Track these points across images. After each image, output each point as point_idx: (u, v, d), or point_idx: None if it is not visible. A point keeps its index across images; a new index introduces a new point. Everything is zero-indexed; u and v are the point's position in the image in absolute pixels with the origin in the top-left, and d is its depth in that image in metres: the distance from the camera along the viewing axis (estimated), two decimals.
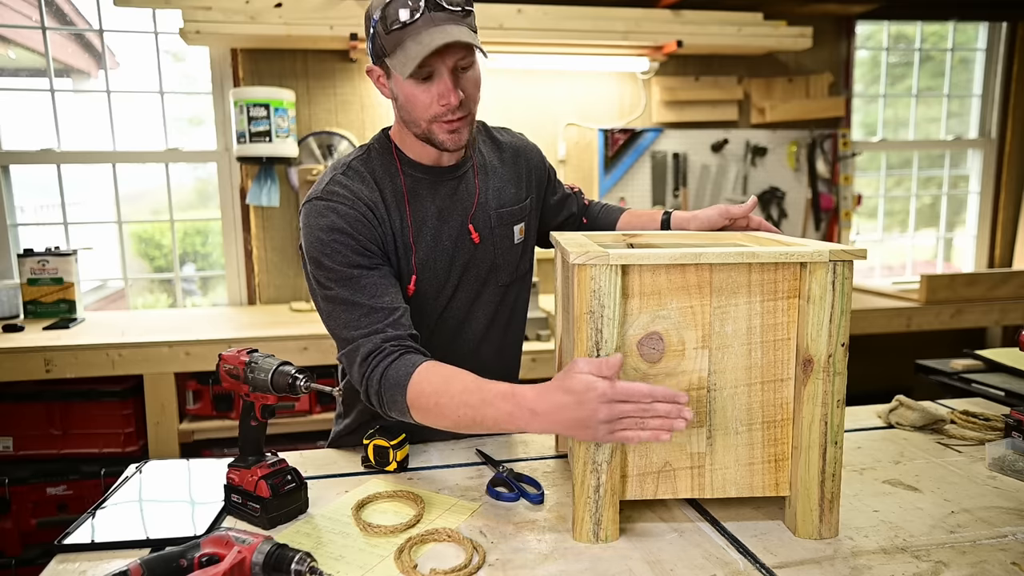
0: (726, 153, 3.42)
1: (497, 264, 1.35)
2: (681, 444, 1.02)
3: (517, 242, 1.38)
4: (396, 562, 0.96)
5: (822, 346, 0.98)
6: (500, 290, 1.38)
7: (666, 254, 0.97)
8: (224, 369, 1.11)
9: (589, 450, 0.99)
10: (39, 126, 2.93)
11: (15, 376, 2.31)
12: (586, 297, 0.95)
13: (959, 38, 3.86)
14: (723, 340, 1.00)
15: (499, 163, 1.39)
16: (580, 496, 1.00)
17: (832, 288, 0.96)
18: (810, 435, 1.00)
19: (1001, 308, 3.10)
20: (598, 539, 1.01)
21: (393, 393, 1.11)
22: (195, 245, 3.64)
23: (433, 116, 1.18)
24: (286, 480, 1.10)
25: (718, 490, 1.04)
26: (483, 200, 1.33)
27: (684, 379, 1.01)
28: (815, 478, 1.01)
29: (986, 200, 3.92)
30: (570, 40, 2.89)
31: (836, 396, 0.99)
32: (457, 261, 1.30)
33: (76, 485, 2.42)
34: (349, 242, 1.18)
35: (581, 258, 0.94)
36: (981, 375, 1.87)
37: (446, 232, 1.29)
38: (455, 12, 1.12)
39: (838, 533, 1.03)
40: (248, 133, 2.75)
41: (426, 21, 1.10)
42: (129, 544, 1.03)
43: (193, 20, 2.61)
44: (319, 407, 2.58)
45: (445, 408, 1.06)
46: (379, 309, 1.17)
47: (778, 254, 0.96)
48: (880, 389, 2.08)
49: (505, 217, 1.35)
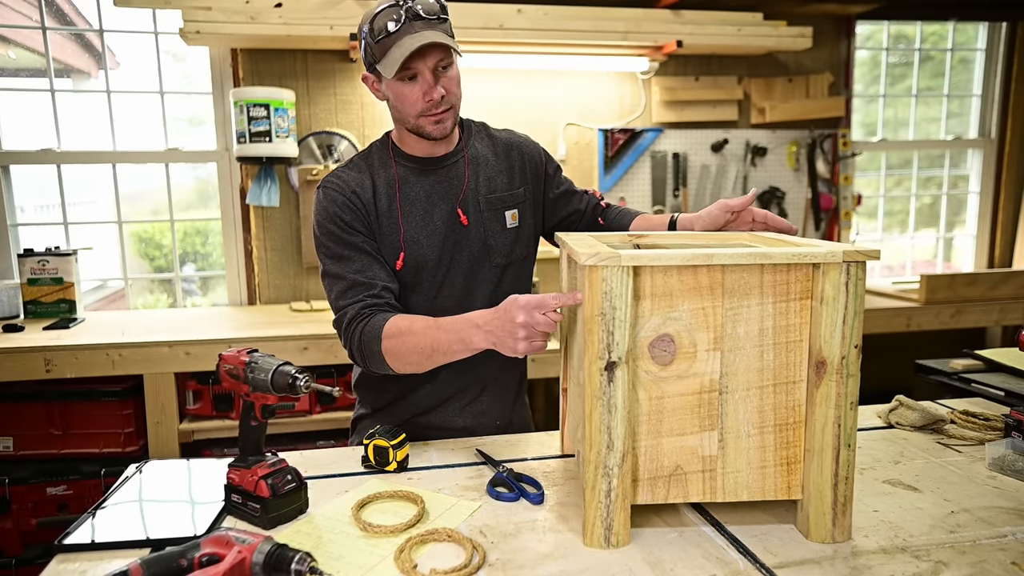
0: (726, 153, 3.42)
1: (490, 245, 1.46)
2: (693, 448, 1.01)
3: (510, 227, 1.48)
4: (396, 562, 0.96)
5: (835, 348, 0.97)
6: (496, 271, 1.48)
7: (678, 255, 0.96)
8: (224, 369, 1.11)
9: (600, 454, 0.97)
10: (39, 126, 2.93)
11: (15, 376, 2.31)
12: (597, 299, 0.94)
13: (959, 38, 3.86)
14: (735, 342, 0.99)
15: (492, 156, 1.51)
16: (591, 501, 0.99)
17: (845, 289, 0.95)
18: (823, 438, 0.99)
19: (1001, 308, 3.10)
20: (609, 544, 1.00)
21: (371, 344, 1.30)
22: (195, 245, 3.64)
23: (420, 111, 1.35)
24: (286, 480, 1.10)
25: (729, 494, 1.03)
26: (472, 187, 1.46)
27: (695, 382, 1.00)
28: (828, 481, 1.00)
29: (986, 200, 3.92)
30: (570, 40, 2.89)
31: (849, 398, 0.98)
32: (448, 240, 1.43)
33: (76, 485, 2.42)
34: (338, 222, 1.38)
35: (592, 259, 0.93)
36: (981, 375, 1.87)
37: (436, 214, 1.43)
38: (432, 20, 1.30)
39: (851, 537, 1.02)
40: (248, 133, 2.75)
41: (407, 29, 1.28)
42: (129, 544, 1.03)
43: (193, 20, 2.61)
44: (319, 407, 2.58)
45: (411, 344, 1.27)
46: (362, 283, 1.36)
47: (791, 255, 0.96)
48: (880, 389, 2.08)
49: (494, 202, 1.47)
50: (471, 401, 1.50)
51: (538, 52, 3.00)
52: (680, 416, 1.01)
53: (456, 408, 1.50)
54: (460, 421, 1.50)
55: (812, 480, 1.00)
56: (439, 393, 1.48)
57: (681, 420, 1.01)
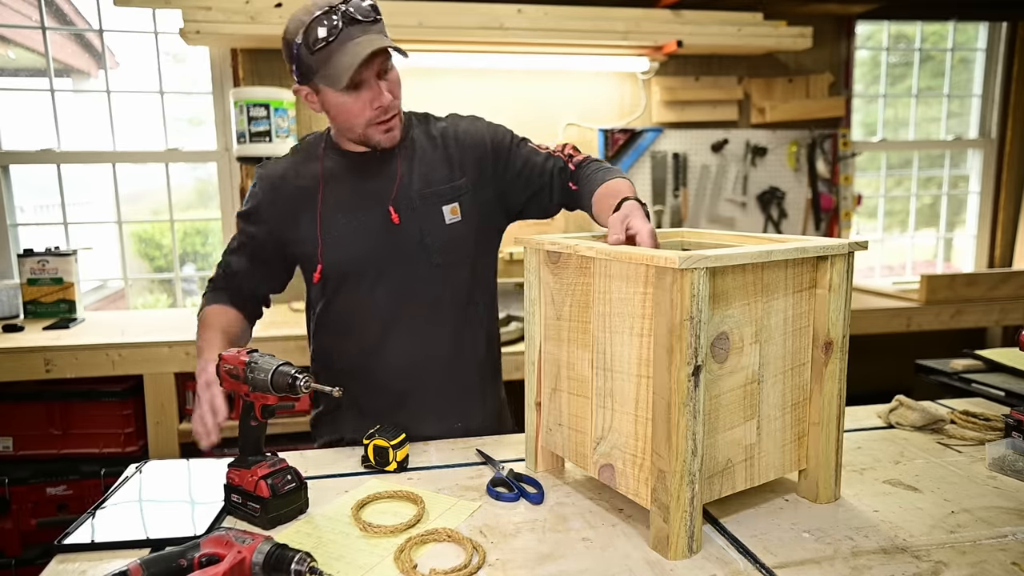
0: (726, 153, 3.42)
1: (426, 244, 1.38)
2: (739, 439, 1.04)
3: (450, 222, 1.40)
4: (396, 562, 0.96)
5: (840, 329, 1.09)
6: (436, 270, 1.40)
7: (749, 253, 0.97)
8: (224, 369, 1.11)
9: (686, 462, 0.95)
10: (39, 126, 2.93)
11: (15, 376, 2.31)
12: (686, 303, 0.92)
13: (959, 38, 3.86)
14: (768, 334, 1.05)
15: (430, 148, 1.43)
16: (676, 512, 0.96)
17: (846, 276, 1.08)
18: (830, 410, 1.11)
19: (1001, 308, 3.10)
20: (692, 552, 0.98)
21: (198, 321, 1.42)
22: (195, 245, 3.64)
23: (368, 120, 1.29)
24: (286, 480, 1.10)
25: (762, 476, 1.09)
26: (406, 182, 1.38)
27: (742, 375, 1.03)
28: (832, 447, 1.12)
29: (986, 200, 3.92)
30: (570, 40, 2.89)
31: (844, 372, 1.12)
32: (379, 241, 1.37)
33: (76, 485, 2.42)
34: (251, 203, 1.42)
35: (686, 262, 0.91)
36: (981, 375, 1.87)
37: (365, 214, 1.37)
38: (367, 22, 1.23)
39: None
40: (248, 133, 2.75)
41: (345, 36, 1.21)
42: (129, 544, 1.03)
43: (193, 20, 2.61)
44: None
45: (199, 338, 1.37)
46: (230, 275, 1.46)
47: (820, 247, 1.06)
48: (880, 389, 2.08)
49: (430, 197, 1.38)
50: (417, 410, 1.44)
51: (538, 52, 3.00)
52: (730, 410, 1.03)
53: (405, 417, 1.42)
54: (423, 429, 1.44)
55: (820, 449, 1.11)
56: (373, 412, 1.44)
57: (731, 414, 1.03)
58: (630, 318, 1.01)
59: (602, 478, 1.10)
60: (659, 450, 0.96)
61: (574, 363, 1.14)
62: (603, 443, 1.09)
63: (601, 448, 1.09)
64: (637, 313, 1.00)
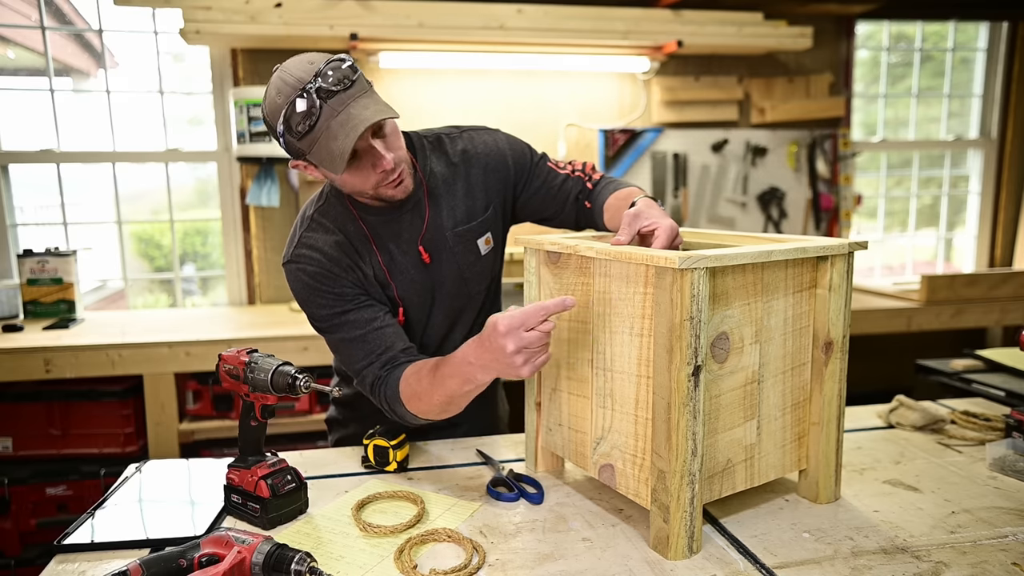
0: (726, 153, 3.42)
1: (465, 278, 1.38)
2: (739, 439, 1.04)
3: (484, 253, 1.39)
4: (396, 562, 0.96)
5: (840, 329, 1.09)
6: (478, 297, 1.42)
7: (748, 253, 0.97)
8: (224, 369, 1.11)
9: (686, 462, 0.95)
10: (39, 126, 2.93)
11: (15, 376, 2.31)
12: (686, 303, 0.92)
13: (959, 38, 3.86)
14: (768, 334, 1.05)
15: (451, 177, 1.36)
16: (676, 512, 0.96)
17: (846, 276, 1.08)
18: (830, 410, 1.11)
19: (1001, 308, 3.10)
20: (692, 552, 0.98)
21: (396, 407, 1.23)
22: (195, 245, 3.64)
23: (375, 184, 1.22)
24: (286, 480, 1.10)
25: (762, 476, 1.09)
26: (436, 223, 1.34)
27: (742, 375, 1.03)
28: (832, 447, 1.12)
29: (986, 200, 3.92)
30: (570, 40, 2.89)
31: (844, 372, 1.11)
32: (426, 283, 1.35)
33: (76, 485, 2.42)
34: (325, 295, 1.27)
35: (686, 262, 0.90)
36: (981, 375, 1.87)
37: (409, 261, 1.34)
38: (345, 89, 1.11)
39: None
40: (248, 133, 2.74)
41: (327, 114, 1.10)
42: (129, 544, 1.03)
43: (193, 20, 2.61)
44: (319, 407, 2.58)
45: (428, 403, 1.18)
46: (369, 340, 1.26)
47: (820, 247, 1.05)
48: (880, 389, 2.08)
49: (464, 235, 1.36)
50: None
51: (538, 52, 3.00)
52: (730, 410, 1.03)
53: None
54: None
55: (820, 449, 1.12)
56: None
57: (731, 414, 1.03)
58: (630, 318, 1.01)
59: (602, 478, 1.10)
60: (659, 450, 0.96)
61: (574, 363, 1.14)
62: (603, 443, 1.09)
63: (601, 448, 1.09)
64: (637, 313, 1.00)
